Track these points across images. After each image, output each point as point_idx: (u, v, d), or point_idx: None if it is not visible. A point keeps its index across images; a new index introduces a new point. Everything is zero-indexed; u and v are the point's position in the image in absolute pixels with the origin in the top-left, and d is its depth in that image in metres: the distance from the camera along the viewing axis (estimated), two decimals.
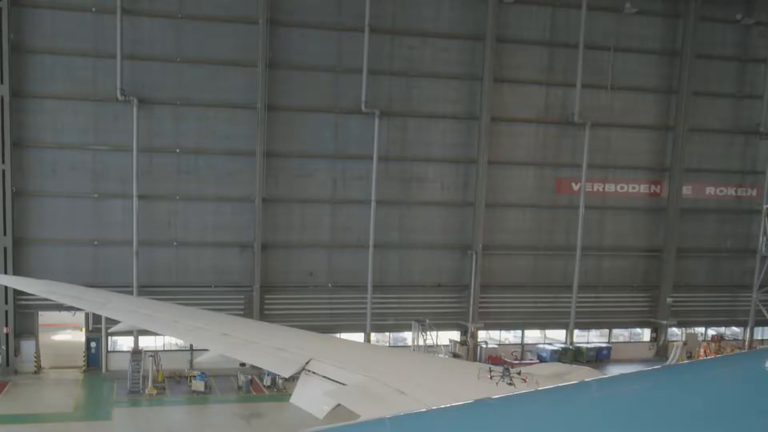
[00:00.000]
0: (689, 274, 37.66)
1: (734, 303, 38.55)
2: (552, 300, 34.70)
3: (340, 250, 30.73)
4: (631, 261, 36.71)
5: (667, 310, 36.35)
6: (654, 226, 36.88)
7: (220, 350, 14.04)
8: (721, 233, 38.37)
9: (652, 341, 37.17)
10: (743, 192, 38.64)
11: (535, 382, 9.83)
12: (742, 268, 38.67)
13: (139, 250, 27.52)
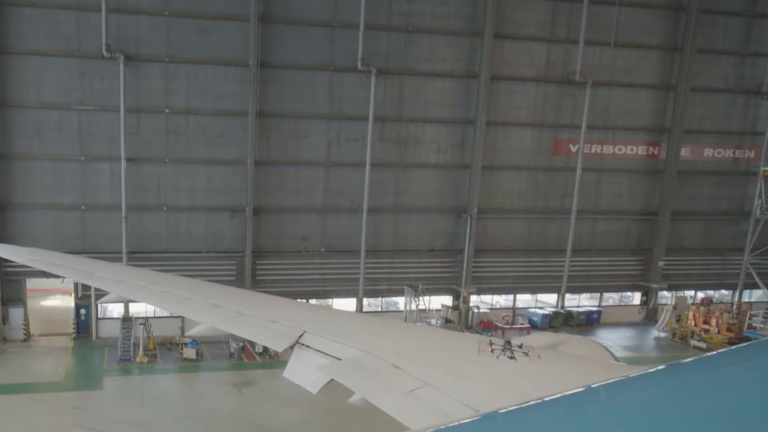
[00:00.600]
0: (682, 238, 43.54)
1: (725, 266, 44.95)
2: (545, 264, 40.01)
3: (333, 214, 34.75)
4: (625, 224, 42.14)
5: (659, 273, 42.37)
6: (650, 189, 42.19)
7: (211, 323, 15.47)
8: (716, 196, 44.14)
9: (641, 305, 43.39)
10: (741, 154, 44.22)
11: (537, 356, 11.37)
12: (735, 231, 44.80)
13: (128, 215, 30.84)
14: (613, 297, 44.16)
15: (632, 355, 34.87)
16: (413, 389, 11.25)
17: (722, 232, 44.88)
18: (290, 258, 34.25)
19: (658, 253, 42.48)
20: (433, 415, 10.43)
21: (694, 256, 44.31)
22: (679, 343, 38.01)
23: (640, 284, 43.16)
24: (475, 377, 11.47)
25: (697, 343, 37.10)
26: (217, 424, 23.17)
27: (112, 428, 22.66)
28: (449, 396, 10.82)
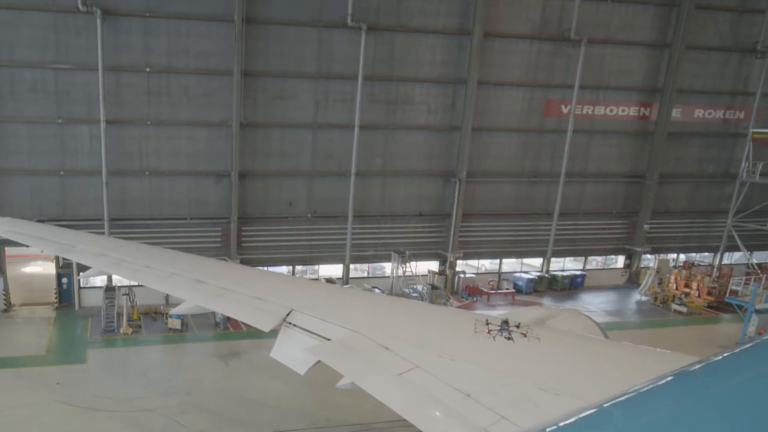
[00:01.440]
0: (668, 200, 48.00)
1: (708, 229, 49.82)
2: (532, 228, 43.89)
3: (321, 178, 37.28)
4: (612, 187, 46.14)
5: (643, 236, 46.91)
6: (639, 151, 46.06)
7: (196, 300, 16.35)
8: (704, 158, 48.47)
9: (625, 268, 48.07)
10: (731, 114, 48.35)
11: (536, 338, 12.17)
12: (720, 194, 49.51)
13: (109, 180, 32.60)
14: (596, 260, 48.69)
15: (614, 320, 39.30)
16: (402, 372, 11.91)
17: (707, 194, 49.50)
18: (276, 224, 36.85)
19: (643, 216, 46.85)
20: (422, 400, 11.07)
21: (678, 219, 48.97)
22: (661, 307, 42.75)
23: (624, 247, 47.73)
24: (469, 359, 12.06)
25: (677, 307, 41.87)
26: (204, 399, 24.86)
27: (97, 404, 24.05)
28: (440, 380, 11.40)
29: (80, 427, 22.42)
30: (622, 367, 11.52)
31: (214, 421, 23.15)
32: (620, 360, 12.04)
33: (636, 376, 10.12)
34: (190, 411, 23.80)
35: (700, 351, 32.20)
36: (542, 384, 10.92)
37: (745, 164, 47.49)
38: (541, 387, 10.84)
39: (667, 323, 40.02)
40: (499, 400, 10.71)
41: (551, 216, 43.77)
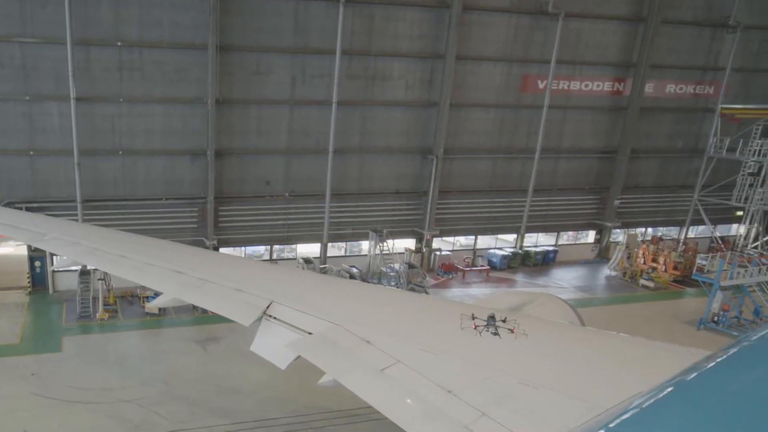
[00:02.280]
0: (638, 176, 50.83)
1: (675, 203, 52.97)
2: (506, 204, 46.09)
3: (298, 156, 38.16)
4: (585, 163, 48.53)
5: (614, 211, 49.64)
6: (612, 127, 48.50)
7: (173, 293, 16.47)
8: (674, 133, 51.29)
9: (595, 243, 50.88)
10: (701, 90, 51.09)
11: (523, 334, 12.42)
12: (687, 169, 52.61)
13: (81, 160, 32.72)
14: (568, 235, 51.34)
15: (584, 296, 42.01)
16: (384, 367, 12.14)
17: (676, 169, 52.56)
18: (254, 203, 37.77)
19: (614, 192, 49.56)
20: (403, 397, 11.34)
21: (647, 194, 52.04)
22: (629, 282, 45.71)
23: (595, 222, 50.55)
24: (452, 354, 12.32)
25: (645, 282, 44.91)
26: (183, 388, 25.32)
27: (74, 396, 24.30)
28: (422, 375, 11.65)
29: (58, 421, 22.67)
30: (609, 363, 11.90)
31: (193, 411, 23.76)
32: (607, 355, 12.39)
33: (623, 371, 11.33)
34: (169, 401, 24.28)
35: (665, 327, 35.24)
36: (526, 380, 11.18)
37: (713, 140, 50.53)
38: (524, 383, 11.11)
39: (635, 299, 42.91)
40: (481, 396, 11.01)
41: (525, 192, 45.94)
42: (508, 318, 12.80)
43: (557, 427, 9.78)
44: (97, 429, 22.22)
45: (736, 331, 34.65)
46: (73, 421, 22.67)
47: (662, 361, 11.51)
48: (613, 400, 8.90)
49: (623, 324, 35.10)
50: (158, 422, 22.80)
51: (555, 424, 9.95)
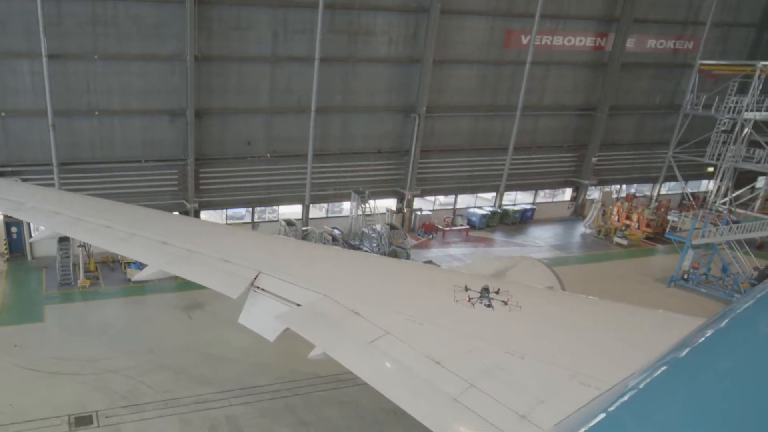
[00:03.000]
0: (616, 133, 52.68)
1: (650, 160, 55.09)
2: (487, 163, 47.37)
3: (280, 115, 38.26)
4: (565, 120, 49.92)
5: (591, 169, 51.40)
6: (592, 83, 49.83)
7: (159, 265, 16.56)
8: (652, 89, 53.06)
9: (571, 201, 52.79)
10: (681, 45, 52.59)
11: (517, 306, 12.78)
12: (663, 126, 54.65)
13: (56, 121, 32.19)
14: (545, 193, 53.12)
15: (560, 255, 44.05)
16: (374, 339, 12.46)
17: (652, 126, 54.54)
18: (235, 165, 37.98)
19: (592, 149, 51.29)
20: (392, 369, 11.67)
21: (624, 151, 53.94)
22: (603, 240, 47.94)
23: (572, 180, 52.33)
24: (441, 325, 12.64)
25: (619, 240, 47.24)
26: (168, 356, 25.79)
27: (58, 367, 24.55)
28: (411, 347, 11.98)
29: (43, 393, 22.96)
30: (604, 333, 12.38)
31: (179, 380, 24.22)
32: (602, 325, 12.83)
33: (618, 342, 12.35)
34: (155, 370, 24.79)
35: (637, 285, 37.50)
36: (516, 351, 11.54)
37: (690, 96, 52.36)
38: (514, 354, 11.49)
39: (609, 257, 45.22)
40: (469, 368, 11.32)
41: (506, 150, 47.21)
42: (501, 289, 13.16)
43: (546, 399, 10.39)
44: (84, 401, 22.71)
45: (704, 288, 37.15)
46: (59, 394, 23.03)
47: (654, 330, 12.11)
48: (607, 372, 9.97)
49: (597, 282, 37.35)
50: (145, 392, 23.46)
51: (543, 396, 10.48)
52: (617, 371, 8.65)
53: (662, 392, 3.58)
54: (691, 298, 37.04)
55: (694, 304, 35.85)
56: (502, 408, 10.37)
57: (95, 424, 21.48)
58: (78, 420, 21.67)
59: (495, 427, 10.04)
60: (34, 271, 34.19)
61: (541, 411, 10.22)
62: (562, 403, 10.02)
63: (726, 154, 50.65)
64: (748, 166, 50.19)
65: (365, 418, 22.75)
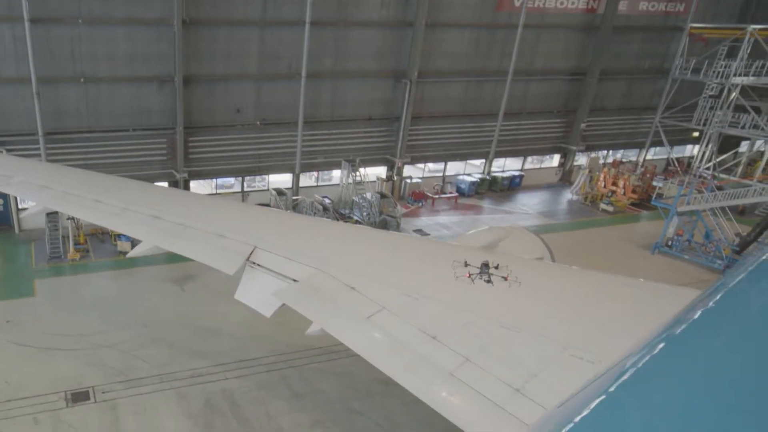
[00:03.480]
0: (605, 98, 52.60)
1: (637, 125, 55.22)
2: (477, 129, 47.12)
3: (270, 82, 37.54)
4: (555, 85, 49.67)
5: (579, 135, 51.40)
6: (583, 47, 49.50)
7: (152, 240, 16.44)
8: (642, 53, 52.82)
9: (559, 167, 52.94)
10: (672, 7, 52.12)
11: (516, 282, 12.88)
12: (651, 90, 54.57)
13: (40, 89, 31.26)
14: (533, 160, 53.16)
15: (548, 222, 44.47)
16: (370, 315, 12.60)
17: (641, 91, 54.53)
18: (224, 133, 37.37)
19: (581, 114, 51.27)
20: (389, 345, 11.84)
21: (612, 116, 53.94)
22: (590, 206, 48.34)
23: (560, 146, 52.38)
24: (436, 299, 12.78)
25: (605, 207, 47.66)
26: (162, 330, 25.83)
27: (53, 342, 24.45)
28: (407, 322, 12.15)
29: (38, 370, 22.88)
30: (600, 307, 12.54)
31: (174, 354, 24.29)
32: (597, 299, 13.00)
33: (608, 313, 12.68)
34: (149, 344, 24.82)
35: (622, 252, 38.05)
36: (511, 326, 11.74)
37: (680, 60, 52.17)
38: (508, 328, 11.68)
39: (595, 223, 45.72)
40: (465, 342, 11.49)
41: (496, 116, 47.01)
42: (501, 264, 13.28)
43: (539, 373, 10.63)
44: (79, 377, 22.73)
45: (688, 255, 37.82)
46: (54, 369, 22.95)
47: (654, 303, 12.22)
48: (602, 346, 10.42)
49: (583, 250, 37.83)
50: (140, 366, 23.53)
51: (537, 370, 10.71)
52: (613, 345, 8.82)
53: (661, 372, 3.61)
54: (675, 265, 37.74)
55: (678, 271, 36.54)
56: (497, 382, 10.60)
57: (92, 400, 21.61)
58: (75, 396, 21.79)
59: (490, 400, 10.30)
60: (23, 244, 33.67)
61: (534, 385, 10.43)
62: (556, 377, 10.38)
63: (713, 119, 50.90)
64: (733, 132, 50.59)
65: (358, 390, 23.12)
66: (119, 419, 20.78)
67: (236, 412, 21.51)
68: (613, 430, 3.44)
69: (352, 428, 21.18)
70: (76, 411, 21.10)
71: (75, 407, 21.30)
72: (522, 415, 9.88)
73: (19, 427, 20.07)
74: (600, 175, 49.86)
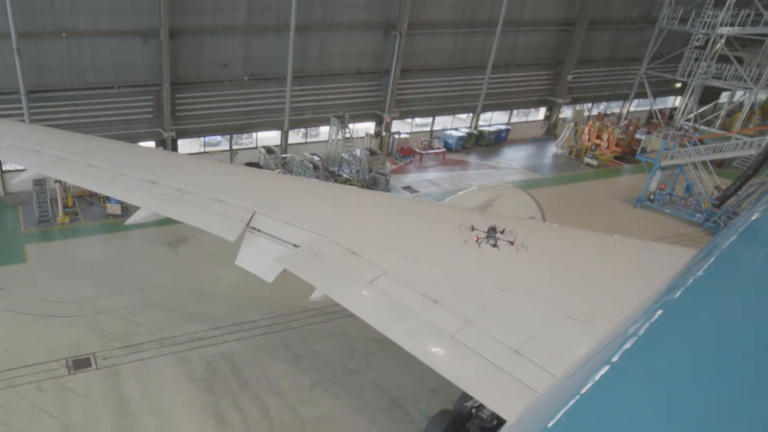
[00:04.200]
0: (592, 49, 52.25)
1: (622, 77, 55.17)
2: (465, 82, 46.65)
3: (258, 35, 36.52)
4: (544, 36, 49.24)
5: (565, 87, 51.24)
6: None
7: (151, 207, 16.24)
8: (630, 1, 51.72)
9: (544, 120, 52.92)
10: None
11: (523, 246, 13.01)
12: (638, 41, 54.31)
13: (21, 45, 29.97)
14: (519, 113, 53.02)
15: (533, 177, 44.79)
16: (373, 279, 12.75)
17: (627, 41, 54.36)
18: (212, 89, 36.47)
19: (568, 66, 51.05)
20: (392, 309, 12.06)
21: (598, 68, 53.74)
22: (574, 160, 48.67)
23: (546, 99, 52.20)
24: (436, 262, 12.95)
25: (589, 161, 48.03)
26: (157, 294, 25.83)
27: (49, 309, 24.38)
28: (409, 286, 12.36)
29: (37, 337, 22.89)
30: (605, 269, 12.78)
31: (171, 318, 24.46)
32: (602, 261, 13.18)
33: (612, 275, 12.88)
34: (146, 309, 24.93)
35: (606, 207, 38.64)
36: (517, 290, 11.98)
37: (667, 9, 51.78)
38: (514, 292, 11.93)
39: (579, 178, 46.23)
40: (465, 305, 11.73)
41: (484, 69, 46.61)
42: (507, 229, 13.37)
43: (536, 333, 11.00)
44: (79, 344, 22.79)
45: (669, 209, 38.55)
46: (53, 337, 22.96)
47: (663, 262, 12.05)
48: (608, 308, 10.53)
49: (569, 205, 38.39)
50: (138, 332, 23.64)
51: (534, 331, 11.05)
52: (609, 306, 9.66)
53: (665, 338, 3.67)
54: (657, 219, 38.53)
55: (659, 225, 37.31)
56: (496, 344, 10.93)
57: (93, 367, 21.80)
58: (76, 363, 21.94)
59: (491, 363, 10.64)
60: (9, 208, 32.92)
61: (533, 346, 10.77)
62: (554, 339, 10.77)
63: (697, 71, 51.05)
64: (717, 84, 50.89)
65: (355, 350, 23.62)
66: (122, 385, 21.04)
67: (237, 374, 21.88)
68: (622, 399, 3.46)
69: (350, 388, 21.67)
70: (78, 378, 21.29)
71: (77, 374, 21.48)
72: (521, 376, 10.24)
73: (24, 396, 20.22)
74: (585, 128, 50.04)
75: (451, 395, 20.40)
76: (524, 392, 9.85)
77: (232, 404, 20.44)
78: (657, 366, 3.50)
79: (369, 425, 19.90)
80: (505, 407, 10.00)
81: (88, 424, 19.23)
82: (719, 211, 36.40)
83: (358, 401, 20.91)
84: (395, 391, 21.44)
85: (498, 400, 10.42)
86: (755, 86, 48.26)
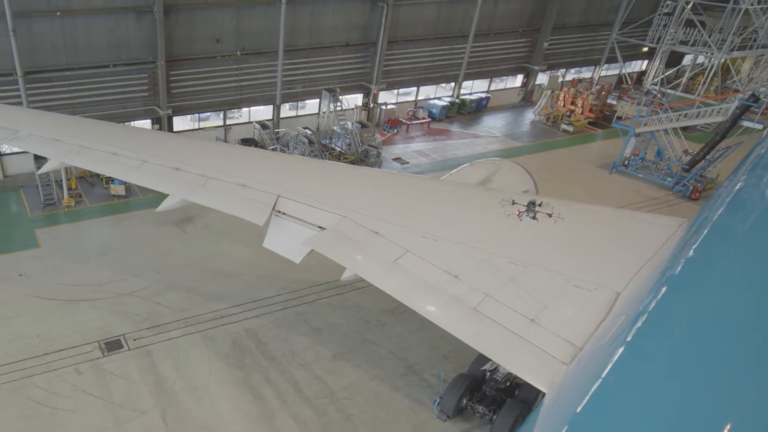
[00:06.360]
0: (566, 15, 53.60)
1: (594, 42, 57.03)
2: (448, 52, 47.75)
3: (249, 9, 36.67)
4: (522, 3, 50.23)
5: (541, 54, 52.80)
6: None
7: (179, 194, 17.20)
8: None
9: (521, 87, 54.51)
10: None
11: (560, 217, 14.00)
12: (609, 6, 55.82)
13: (15, 25, 29.65)
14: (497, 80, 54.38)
15: (514, 145, 46.46)
16: (397, 257, 13.49)
17: (598, 7, 55.96)
18: (205, 65, 36.56)
19: (544, 33, 52.66)
20: (417, 285, 12.91)
21: (572, 34, 55.30)
22: (551, 127, 50.50)
23: (523, 66, 53.69)
24: (453, 238, 13.79)
25: (565, 127, 49.94)
26: (174, 275, 26.46)
27: (72, 294, 24.75)
28: (430, 263, 13.21)
29: (65, 322, 23.39)
30: (632, 242, 13.42)
31: (192, 298, 25.35)
32: (634, 235, 13.85)
33: (637, 248, 14.86)
34: (166, 290, 25.69)
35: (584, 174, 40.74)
36: (526, 261, 12.92)
37: None
38: (521, 263, 12.99)
39: (556, 144, 47.96)
40: (485, 279, 12.60)
41: (466, 38, 47.70)
42: (543, 202, 14.31)
43: (551, 304, 11.98)
44: (107, 326, 23.55)
45: (642, 173, 40.77)
46: (81, 320, 23.58)
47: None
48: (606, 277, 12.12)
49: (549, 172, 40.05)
50: (163, 312, 24.53)
51: (548, 301, 12.06)
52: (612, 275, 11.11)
53: (676, 312, 4.05)
54: (630, 183, 40.68)
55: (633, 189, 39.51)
56: (515, 314, 11.95)
57: (125, 348, 22.74)
58: (108, 345, 22.82)
59: (511, 332, 11.65)
60: (11, 191, 32.73)
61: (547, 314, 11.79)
62: (564, 307, 11.79)
63: (665, 37, 53.27)
64: (683, 50, 53.25)
65: (369, 321, 25.10)
66: (156, 364, 22.06)
67: (263, 349, 23.16)
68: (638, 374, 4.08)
69: (369, 357, 23.13)
70: (113, 359, 22.21)
71: (112, 356, 22.38)
72: (538, 342, 11.39)
73: (64, 379, 21.07)
74: (560, 94, 51.80)
75: (461, 360, 22.33)
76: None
77: (263, 378, 21.70)
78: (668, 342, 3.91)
79: (391, 391, 21.43)
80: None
81: (132, 403, 20.25)
82: (688, 175, 38.60)
83: (378, 369, 22.41)
84: (411, 358, 23.01)
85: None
86: (719, 51, 50.65)
